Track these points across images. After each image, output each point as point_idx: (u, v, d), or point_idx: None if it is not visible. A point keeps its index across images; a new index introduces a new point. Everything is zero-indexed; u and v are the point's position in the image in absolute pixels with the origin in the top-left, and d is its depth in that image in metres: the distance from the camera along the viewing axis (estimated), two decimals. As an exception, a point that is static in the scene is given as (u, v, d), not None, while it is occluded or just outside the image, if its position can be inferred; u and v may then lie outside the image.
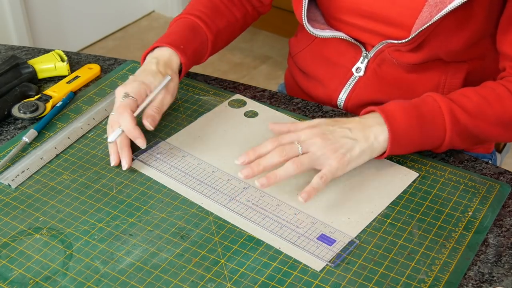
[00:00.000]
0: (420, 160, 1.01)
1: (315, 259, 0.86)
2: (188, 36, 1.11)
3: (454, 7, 0.97)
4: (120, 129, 0.98)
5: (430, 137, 0.97)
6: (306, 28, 1.12)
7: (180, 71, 1.09)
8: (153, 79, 1.03)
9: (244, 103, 1.13)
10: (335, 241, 0.88)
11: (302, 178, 0.95)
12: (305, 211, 0.92)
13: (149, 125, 0.99)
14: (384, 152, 0.96)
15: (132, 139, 0.99)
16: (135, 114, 0.99)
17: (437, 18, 0.98)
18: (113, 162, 1.00)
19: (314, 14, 1.15)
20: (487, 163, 1.01)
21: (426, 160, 1.01)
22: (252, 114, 1.10)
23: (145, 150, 1.02)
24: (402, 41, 1.04)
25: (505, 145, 1.46)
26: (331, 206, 0.93)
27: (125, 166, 0.99)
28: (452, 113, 0.96)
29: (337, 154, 0.91)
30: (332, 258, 0.86)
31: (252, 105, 1.12)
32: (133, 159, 1.00)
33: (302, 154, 0.91)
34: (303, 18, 1.10)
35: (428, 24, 0.99)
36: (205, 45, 1.14)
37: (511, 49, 1.03)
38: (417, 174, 0.98)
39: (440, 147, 0.98)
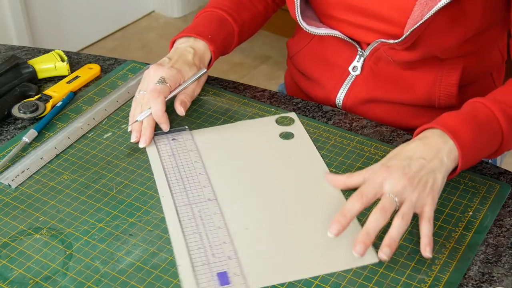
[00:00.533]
0: (420, 160, 1.01)
1: None
2: (216, 27, 1.15)
3: (444, 4, 0.97)
4: (149, 110, 1.03)
5: (491, 144, 0.94)
6: (300, 24, 1.12)
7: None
8: (189, 70, 1.08)
9: (291, 122, 1.08)
10: (229, 284, 0.82)
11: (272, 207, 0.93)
12: (236, 244, 0.87)
13: (181, 109, 1.05)
14: (455, 169, 0.91)
15: (158, 123, 1.04)
16: (166, 99, 1.04)
17: (428, 16, 0.98)
18: (134, 139, 1.04)
19: (309, 14, 1.16)
20: (487, 163, 1.01)
21: (426, 160, 1.01)
22: (285, 136, 1.05)
23: (166, 131, 1.06)
24: (395, 41, 1.04)
25: (505, 145, 1.46)
26: (267, 250, 0.87)
27: (142, 144, 1.03)
28: (506, 115, 0.94)
29: (428, 191, 0.86)
30: None
31: (296, 127, 1.07)
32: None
33: (400, 204, 0.85)
34: (297, 14, 1.11)
35: (420, 23, 0.99)
36: (232, 37, 1.18)
37: None
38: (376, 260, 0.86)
39: (497, 152, 0.96)
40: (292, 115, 1.10)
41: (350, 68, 1.15)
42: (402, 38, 1.02)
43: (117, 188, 0.97)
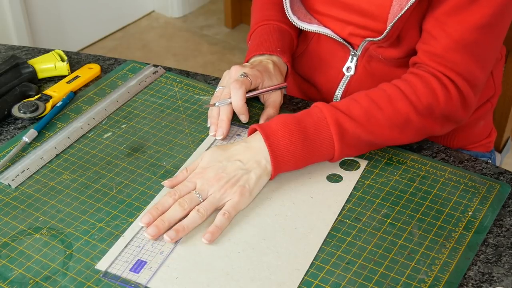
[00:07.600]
0: (420, 160, 1.01)
1: (115, 263, 0.85)
2: (279, 39, 1.16)
3: None
4: (229, 100, 1.03)
5: (317, 151, 0.95)
6: (290, 19, 1.14)
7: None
8: (269, 77, 1.09)
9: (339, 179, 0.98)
10: (137, 273, 0.84)
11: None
12: (178, 245, 0.87)
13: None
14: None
15: (237, 114, 1.05)
16: (246, 96, 1.04)
17: (406, 9, 0.99)
18: (212, 132, 1.05)
19: (303, 12, 1.17)
20: (487, 163, 1.02)
21: (426, 160, 1.01)
22: (336, 179, 0.98)
23: (241, 124, 1.07)
24: (379, 38, 1.05)
25: (505, 145, 1.46)
26: (199, 264, 0.85)
27: (220, 136, 1.04)
28: (338, 124, 0.95)
29: (235, 188, 0.91)
30: (113, 273, 0.84)
31: (351, 176, 0.98)
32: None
33: (203, 200, 0.91)
34: (286, 9, 1.12)
35: (399, 16, 1.00)
36: (293, 42, 1.19)
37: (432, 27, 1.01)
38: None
39: (332, 159, 0.97)
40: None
41: (344, 69, 1.16)
42: (384, 34, 1.04)
43: (117, 188, 0.97)
